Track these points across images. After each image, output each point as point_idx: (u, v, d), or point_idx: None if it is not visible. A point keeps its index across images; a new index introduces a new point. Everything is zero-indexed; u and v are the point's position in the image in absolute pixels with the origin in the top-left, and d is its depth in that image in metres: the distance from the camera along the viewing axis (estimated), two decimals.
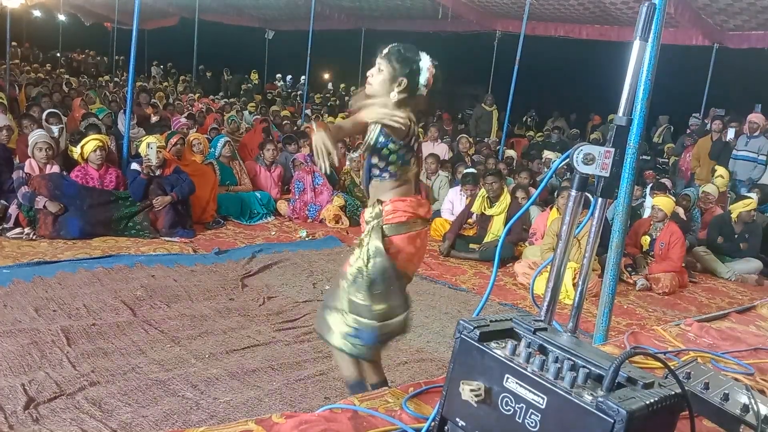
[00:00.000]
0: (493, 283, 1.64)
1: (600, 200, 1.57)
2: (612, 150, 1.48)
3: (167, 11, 18.71)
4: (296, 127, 10.65)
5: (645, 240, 5.68)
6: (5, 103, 7.68)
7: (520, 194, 6.51)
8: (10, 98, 9.22)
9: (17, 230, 4.86)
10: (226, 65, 20.62)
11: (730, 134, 8.30)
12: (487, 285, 1.60)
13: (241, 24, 18.53)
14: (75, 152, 5.58)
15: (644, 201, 6.69)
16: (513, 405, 1.10)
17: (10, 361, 2.84)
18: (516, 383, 1.10)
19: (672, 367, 1.20)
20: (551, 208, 5.73)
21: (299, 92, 17.19)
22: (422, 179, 7.64)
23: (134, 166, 5.42)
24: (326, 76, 23.49)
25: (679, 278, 5.42)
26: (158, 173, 5.46)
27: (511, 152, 10.16)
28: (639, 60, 1.54)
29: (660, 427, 1.06)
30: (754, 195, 6.70)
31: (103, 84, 15.58)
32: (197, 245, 5.18)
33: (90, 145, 5.31)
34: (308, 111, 13.03)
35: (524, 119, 16.96)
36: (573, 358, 1.11)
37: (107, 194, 5.25)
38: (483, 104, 12.13)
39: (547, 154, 9.17)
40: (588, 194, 1.55)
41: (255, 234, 5.84)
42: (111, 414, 2.51)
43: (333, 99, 17.82)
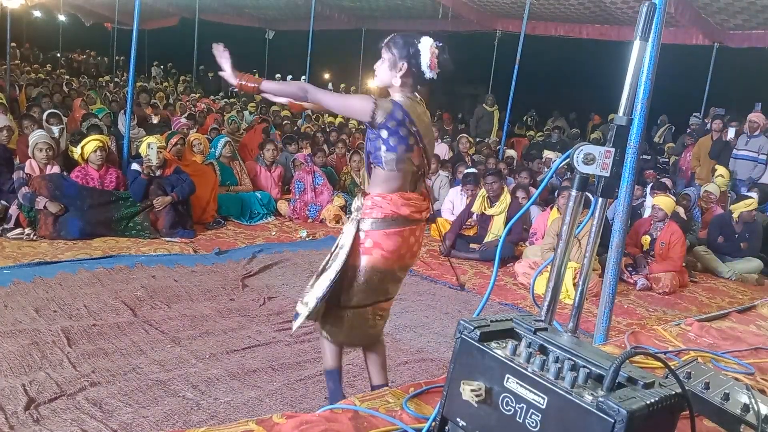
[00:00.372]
0: (494, 283, 1.64)
1: (600, 200, 1.57)
2: (612, 150, 1.48)
3: (167, 11, 18.70)
4: (296, 127, 10.66)
5: (645, 240, 5.67)
6: (5, 104, 7.69)
7: (521, 194, 6.51)
8: (11, 99, 9.23)
9: (18, 231, 4.86)
10: None
11: (731, 133, 8.29)
12: (488, 285, 1.60)
13: (241, 24, 18.52)
14: (75, 153, 5.59)
15: (644, 200, 6.68)
16: (513, 405, 1.10)
17: (11, 362, 2.84)
18: (516, 383, 1.10)
19: (672, 367, 1.20)
20: (552, 208, 5.73)
21: None
22: None
23: (134, 167, 5.42)
24: (326, 76, 23.47)
25: (680, 278, 5.42)
26: (158, 173, 5.46)
27: (512, 152, 10.16)
28: (639, 59, 1.54)
29: (660, 427, 1.06)
30: (755, 194, 6.70)
31: (104, 84, 15.58)
32: (198, 245, 5.18)
33: (90, 146, 5.31)
34: (308, 111, 13.02)
35: (524, 119, 16.95)
36: (573, 358, 1.11)
37: (107, 194, 5.25)
38: (484, 104, 12.13)
39: (548, 154, 9.16)
40: (588, 194, 1.56)
41: (255, 234, 5.84)
42: (111, 414, 2.51)
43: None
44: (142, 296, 3.84)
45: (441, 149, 9.25)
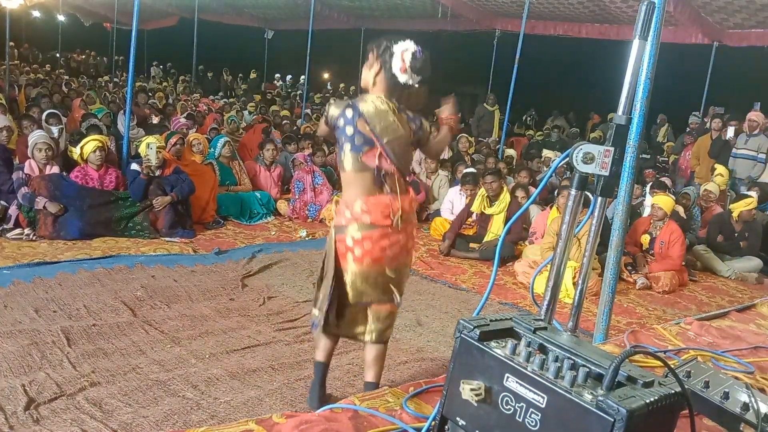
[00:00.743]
0: (494, 283, 1.64)
1: (600, 199, 1.57)
2: (611, 149, 1.48)
3: (167, 11, 18.68)
4: (296, 127, 10.65)
5: (645, 239, 5.67)
6: (5, 104, 7.69)
7: (520, 193, 6.51)
8: (10, 99, 9.24)
9: (17, 231, 4.86)
10: (226, 65, 20.62)
11: (730, 132, 8.29)
12: (487, 284, 1.60)
13: (241, 24, 18.52)
14: (75, 153, 5.58)
15: (644, 200, 6.68)
16: (513, 404, 1.10)
17: (11, 362, 2.84)
18: (516, 382, 1.10)
19: (672, 366, 1.20)
20: (551, 207, 5.73)
21: (299, 92, 17.18)
22: (422, 178, 7.64)
23: (134, 167, 5.42)
24: (326, 76, 23.48)
25: (679, 277, 5.42)
26: (158, 173, 5.46)
27: (511, 151, 10.15)
28: (638, 58, 1.54)
29: (660, 426, 1.06)
30: (754, 193, 6.70)
31: (103, 84, 15.58)
32: (197, 245, 5.18)
33: (90, 146, 5.30)
34: (308, 110, 13.02)
35: (524, 118, 16.93)
36: (573, 357, 1.11)
37: (107, 194, 5.25)
38: (485, 104, 12.12)
39: (547, 153, 9.17)
40: (588, 193, 1.56)
41: (255, 234, 5.84)
42: (111, 414, 2.50)
43: (333, 99, 17.78)
44: (142, 296, 3.84)
45: None
